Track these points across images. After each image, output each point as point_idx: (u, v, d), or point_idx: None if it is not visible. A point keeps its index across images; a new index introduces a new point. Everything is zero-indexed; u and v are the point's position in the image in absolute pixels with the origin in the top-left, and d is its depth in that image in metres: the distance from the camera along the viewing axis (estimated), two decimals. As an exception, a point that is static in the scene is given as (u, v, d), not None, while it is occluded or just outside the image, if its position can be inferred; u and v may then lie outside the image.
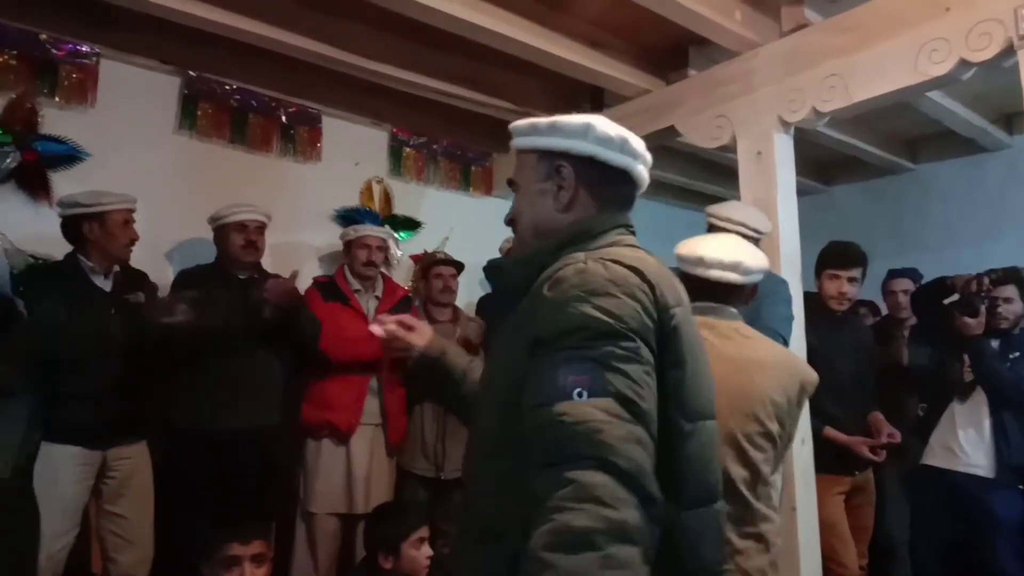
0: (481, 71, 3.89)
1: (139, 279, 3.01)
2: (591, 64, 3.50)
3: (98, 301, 2.78)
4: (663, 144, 4.36)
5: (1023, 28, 2.45)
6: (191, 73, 3.64)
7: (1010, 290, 3.22)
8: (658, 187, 5.55)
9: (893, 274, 4.12)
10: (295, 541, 3.30)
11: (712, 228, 2.61)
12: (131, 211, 2.91)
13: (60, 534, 2.53)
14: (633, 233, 1.30)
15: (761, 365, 1.81)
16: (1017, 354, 3.16)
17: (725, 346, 1.80)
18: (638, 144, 1.29)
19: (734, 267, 1.88)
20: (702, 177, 5.41)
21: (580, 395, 0.98)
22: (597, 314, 1.04)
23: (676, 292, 1.18)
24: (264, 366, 3.10)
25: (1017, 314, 3.21)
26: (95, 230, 2.81)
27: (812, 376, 1.91)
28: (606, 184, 1.27)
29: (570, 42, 3.39)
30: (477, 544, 1.14)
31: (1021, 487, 3.09)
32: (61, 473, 2.56)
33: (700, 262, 1.90)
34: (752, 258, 1.93)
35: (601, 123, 1.25)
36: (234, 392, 2.97)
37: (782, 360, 1.89)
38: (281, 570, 3.20)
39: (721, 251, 1.90)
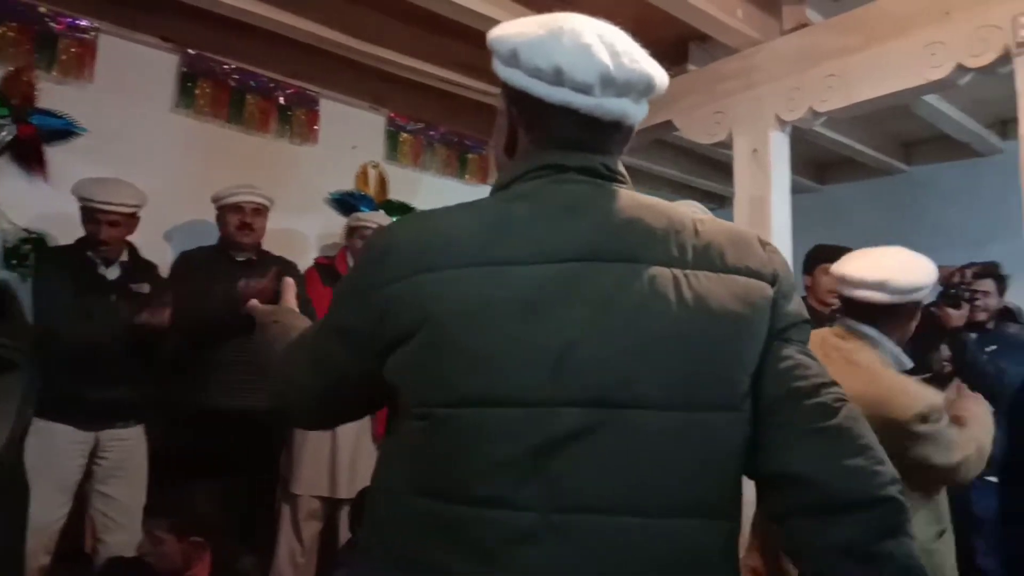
0: (484, 59, 3.81)
1: (147, 269, 3.01)
2: (592, 56, 3.49)
3: (100, 289, 2.79)
4: (659, 139, 4.38)
5: (1021, 36, 2.47)
6: (190, 51, 3.62)
7: (988, 284, 3.31)
8: (654, 180, 5.56)
9: None
10: (279, 521, 3.31)
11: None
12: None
13: (52, 508, 2.55)
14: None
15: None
16: (994, 347, 3.21)
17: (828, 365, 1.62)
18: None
19: (879, 286, 1.75)
20: (698, 172, 5.42)
21: None
22: None
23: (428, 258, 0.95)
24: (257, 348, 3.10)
25: (993, 308, 3.29)
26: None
27: (897, 414, 1.65)
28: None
29: (572, 34, 3.38)
30: None
31: (994, 480, 3.10)
32: (55, 449, 2.57)
33: (843, 281, 1.80)
34: (905, 274, 1.77)
35: None
36: (228, 372, 2.97)
37: (871, 398, 1.56)
38: (268, 549, 3.22)
39: (866, 269, 1.77)
